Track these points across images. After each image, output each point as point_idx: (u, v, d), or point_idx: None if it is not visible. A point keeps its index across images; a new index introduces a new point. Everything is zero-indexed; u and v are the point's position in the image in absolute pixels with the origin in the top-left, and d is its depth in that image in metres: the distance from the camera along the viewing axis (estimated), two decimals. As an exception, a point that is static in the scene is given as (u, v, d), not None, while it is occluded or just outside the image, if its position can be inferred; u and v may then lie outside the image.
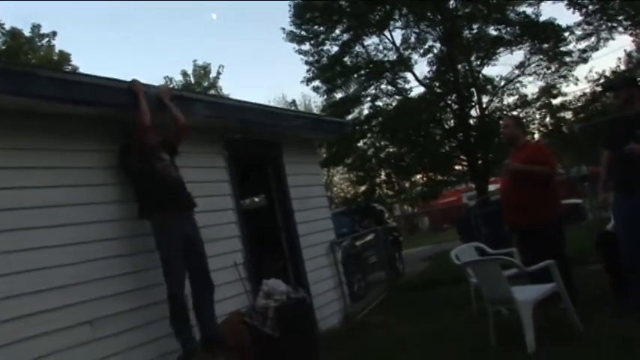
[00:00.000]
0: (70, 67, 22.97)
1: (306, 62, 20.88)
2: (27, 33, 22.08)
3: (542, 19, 19.28)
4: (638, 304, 5.06)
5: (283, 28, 20.63)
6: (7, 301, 3.89)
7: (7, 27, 21.27)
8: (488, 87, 20.55)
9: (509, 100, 20.71)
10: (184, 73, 30.97)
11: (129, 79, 4.99)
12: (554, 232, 5.88)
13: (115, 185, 4.91)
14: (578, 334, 4.85)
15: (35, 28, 22.34)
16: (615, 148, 5.30)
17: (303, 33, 20.59)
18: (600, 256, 6.14)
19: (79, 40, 46.99)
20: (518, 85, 20.56)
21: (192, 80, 30.99)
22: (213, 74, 31.48)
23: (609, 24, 19.82)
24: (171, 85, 29.21)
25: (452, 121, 20.57)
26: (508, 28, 19.54)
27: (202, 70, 31.30)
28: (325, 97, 21.45)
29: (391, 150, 21.01)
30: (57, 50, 23.11)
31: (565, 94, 20.60)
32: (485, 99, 20.45)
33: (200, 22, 60.04)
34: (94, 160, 4.81)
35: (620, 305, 5.37)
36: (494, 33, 19.89)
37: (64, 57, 23.04)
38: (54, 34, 22.78)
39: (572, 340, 4.76)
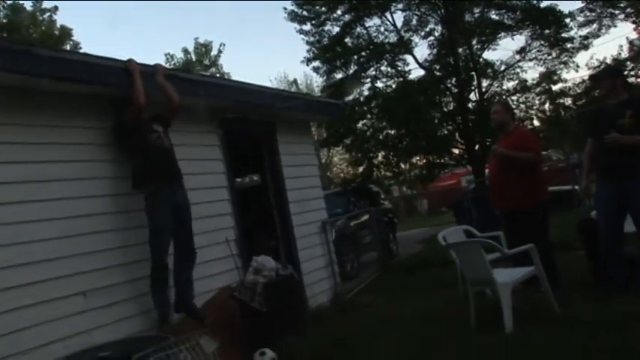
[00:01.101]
0: (71, 43, 22.99)
1: (307, 42, 20.86)
2: (29, 7, 22.05)
3: (543, 4, 19.25)
4: (616, 288, 5.22)
5: (285, 8, 20.61)
6: (4, 271, 4.04)
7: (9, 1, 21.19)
8: (489, 71, 20.54)
9: (508, 85, 20.74)
10: (185, 51, 30.93)
11: (129, 56, 5.11)
12: (538, 217, 6.03)
13: (107, 162, 5.02)
14: (555, 316, 5.01)
15: (37, 2, 22.30)
16: (598, 136, 5.43)
17: (305, 13, 20.55)
18: (582, 242, 6.29)
19: (81, 15, 46.75)
20: (518, 70, 20.55)
21: (194, 58, 30.93)
22: (214, 52, 31.45)
23: (611, 11, 19.81)
24: (172, 62, 29.22)
25: (451, 105, 20.59)
26: (509, 13, 19.51)
27: (203, 48, 31.23)
28: (325, 77, 21.46)
29: (391, 132, 21.05)
30: (58, 25, 23.07)
31: (565, 81, 20.63)
32: (484, 83, 20.46)
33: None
34: (87, 137, 4.91)
35: (598, 289, 5.52)
36: (496, 18, 19.86)
37: (66, 32, 22.98)
38: (55, 8, 22.72)
39: (548, 321, 4.91)
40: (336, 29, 20.55)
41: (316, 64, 20.81)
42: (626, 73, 18.19)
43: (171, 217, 4.96)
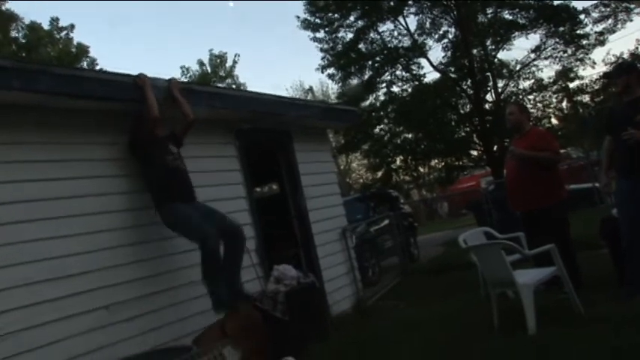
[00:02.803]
0: (88, 59, 23.24)
1: (321, 49, 20.92)
2: (46, 26, 22.37)
3: (556, 2, 19.16)
4: (636, 291, 5.13)
5: (298, 16, 20.70)
6: (27, 288, 4.10)
7: (27, 21, 21.54)
8: (504, 71, 20.47)
9: (524, 84, 20.64)
10: (201, 63, 31.02)
11: (145, 70, 5.16)
12: (557, 216, 5.98)
13: (124, 177, 5.07)
14: (578, 317, 4.96)
15: (54, 21, 22.62)
16: (615, 134, 5.39)
17: (318, 20, 20.62)
18: (604, 241, 6.22)
19: (97, 31, 47.31)
20: (534, 69, 20.47)
21: (209, 70, 31.01)
22: (229, 63, 31.51)
23: (626, 5, 19.63)
24: (188, 75, 29.38)
25: (467, 107, 20.53)
26: (523, 12, 19.43)
27: (218, 60, 31.27)
28: (340, 84, 21.49)
29: (408, 136, 21.04)
30: (75, 43, 23.36)
31: (582, 78, 20.48)
32: (500, 83, 20.39)
33: (217, 9, 60.16)
34: (104, 153, 4.97)
35: (621, 288, 5.45)
36: (509, 17, 19.80)
37: (83, 49, 23.26)
38: (72, 27, 23.01)
39: (572, 322, 4.85)
40: (350, 35, 20.62)
41: (331, 71, 20.90)
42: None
43: (192, 210, 4.95)
